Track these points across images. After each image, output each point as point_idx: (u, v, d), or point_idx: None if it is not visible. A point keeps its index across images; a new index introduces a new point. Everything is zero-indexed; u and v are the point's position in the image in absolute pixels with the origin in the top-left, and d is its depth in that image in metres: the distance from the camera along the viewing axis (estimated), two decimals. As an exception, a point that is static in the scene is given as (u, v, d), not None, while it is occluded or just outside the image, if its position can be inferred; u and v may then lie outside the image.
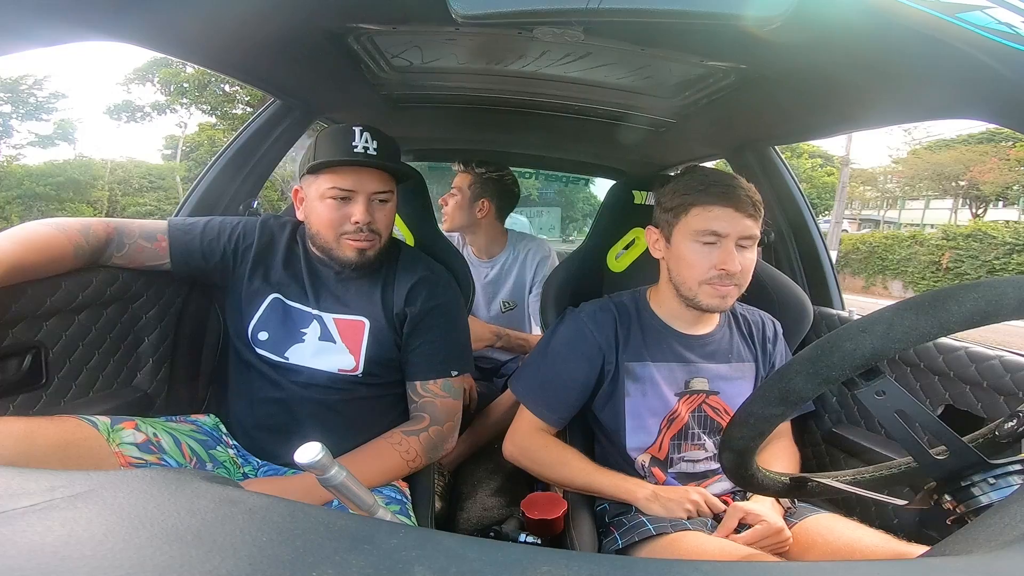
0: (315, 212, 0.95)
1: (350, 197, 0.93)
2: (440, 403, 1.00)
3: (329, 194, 0.92)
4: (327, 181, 0.92)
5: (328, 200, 0.93)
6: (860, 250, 15.51)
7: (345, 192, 0.92)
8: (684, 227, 0.92)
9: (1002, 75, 0.61)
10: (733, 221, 0.88)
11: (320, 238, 0.97)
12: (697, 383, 1.00)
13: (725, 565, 0.36)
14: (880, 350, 0.48)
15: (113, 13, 0.72)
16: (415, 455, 0.95)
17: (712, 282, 0.90)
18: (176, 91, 17.13)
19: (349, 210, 0.93)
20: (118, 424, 0.81)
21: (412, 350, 1.01)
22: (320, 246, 0.98)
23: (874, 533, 0.79)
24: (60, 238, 0.87)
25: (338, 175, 0.92)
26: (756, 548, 0.81)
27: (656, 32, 0.90)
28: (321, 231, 0.95)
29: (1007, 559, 0.31)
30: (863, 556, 0.74)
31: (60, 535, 0.26)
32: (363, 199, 0.93)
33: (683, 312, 1.00)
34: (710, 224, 0.89)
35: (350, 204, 0.93)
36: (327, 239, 0.96)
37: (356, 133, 0.92)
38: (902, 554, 0.72)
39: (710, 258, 0.89)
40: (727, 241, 0.89)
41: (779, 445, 1.03)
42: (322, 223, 0.94)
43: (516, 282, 1.82)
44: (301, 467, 0.52)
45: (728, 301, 0.93)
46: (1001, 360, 0.92)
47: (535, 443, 1.01)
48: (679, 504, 0.90)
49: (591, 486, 0.97)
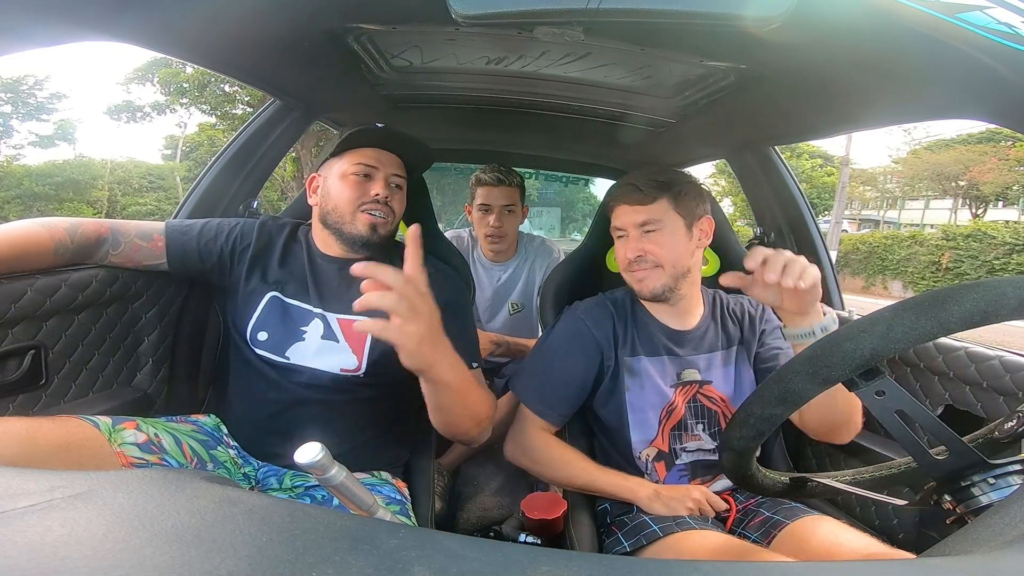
0: (334, 189, 1.01)
1: (371, 175, 1.01)
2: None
3: (352, 170, 1.00)
4: (351, 158, 1.01)
5: (350, 176, 1.00)
6: (860, 250, 15.52)
7: (368, 168, 1.00)
8: (613, 231, 1.05)
9: (1002, 75, 0.61)
10: (625, 215, 1.01)
11: (335, 214, 1.00)
12: (688, 374, 1.03)
13: (725, 565, 0.36)
14: (880, 350, 0.48)
15: (113, 13, 0.72)
16: (491, 407, 0.89)
17: (630, 269, 1.01)
18: (176, 91, 17.10)
19: (369, 186, 1.00)
20: (119, 424, 0.81)
21: None
22: (334, 224, 1.01)
23: (862, 536, 0.79)
24: (41, 234, 0.88)
25: (362, 152, 1.01)
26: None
27: (656, 32, 0.90)
28: (339, 206, 1.00)
29: (1007, 559, 0.31)
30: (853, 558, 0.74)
31: (60, 535, 0.26)
32: (383, 177, 1.01)
33: (661, 304, 1.04)
34: (614, 222, 1.03)
35: (371, 181, 1.01)
36: (343, 213, 1.00)
37: (380, 127, 1.03)
38: (891, 555, 0.72)
39: (623, 251, 1.02)
40: (628, 231, 1.01)
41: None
42: (342, 198, 1.00)
43: (526, 284, 1.81)
44: (301, 467, 0.52)
45: (648, 284, 1.00)
46: (1001, 360, 0.92)
47: (536, 443, 1.01)
48: (681, 503, 0.90)
49: (592, 485, 0.97)
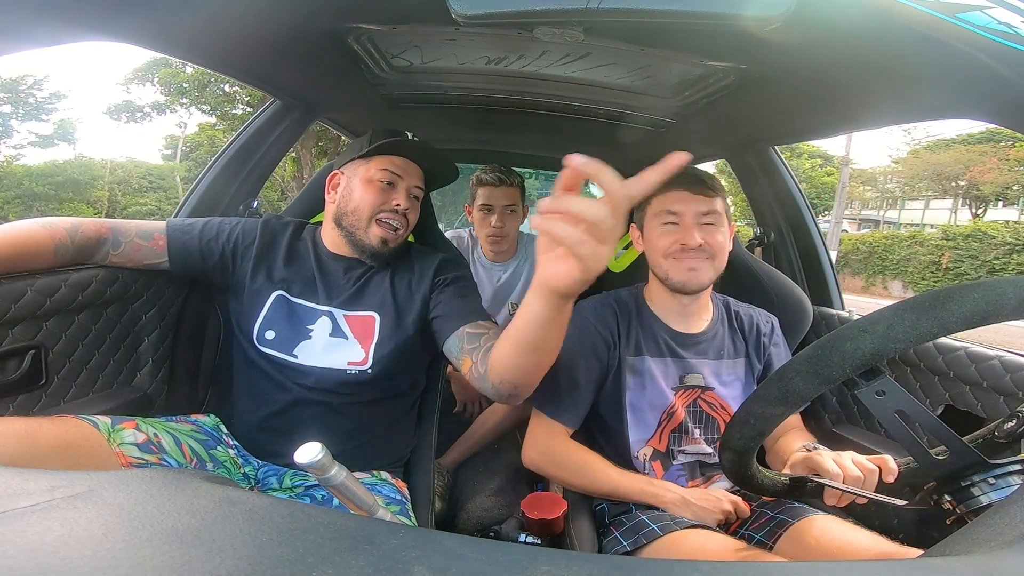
0: (357, 192, 1.02)
1: (395, 184, 1.03)
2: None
3: (379, 176, 1.02)
4: (379, 163, 1.02)
5: (376, 183, 1.01)
6: (860, 250, 15.52)
7: (394, 176, 1.03)
8: (650, 215, 1.03)
9: (1002, 75, 0.61)
10: (687, 202, 0.98)
11: (352, 217, 1.02)
12: (692, 379, 1.02)
13: (725, 565, 0.36)
14: (881, 350, 0.48)
15: (113, 13, 0.72)
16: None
17: (675, 255, 0.98)
18: (176, 91, 17.08)
19: (392, 195, 1.02)
20: (119, 424, 0.81)
21: (448, 302, 0.99)
22: (349, 226, 1.02)
23: (869, 535, 0.79)
24: (42, 234, 0.88)
25: (391, 160, 1.03)
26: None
27: (656, 32, 0.90)
28: (359, 208, 1.01)
29: (1007, 559, 0.31)
30: (859, 557, 0.74)
31: (60, 535, 0.26)
32: (405, 187, 1.04)
33: (672, 304, 1.03)
34: (667, 205, 0.99)
35: (394, 190, 1.03)
36: (360, 218, 1.01)
37: (408, 136, 1.06)
38: (894, 555, 0.72)
39: (672, 236, 0.98)
40: (684, 218, 0.98)
41: (794, 434, 1.02)
42: (364, 202, 1.01)
43: (526, 284, 1.78)
44: (301, 467, 0.52)
45: (699, 276, 0.97)
46: (1001, 360, 0.92)
47: (557, 448, 0.99)
48: (710, 513, 0.89)
49: (616, 491, 0.95)
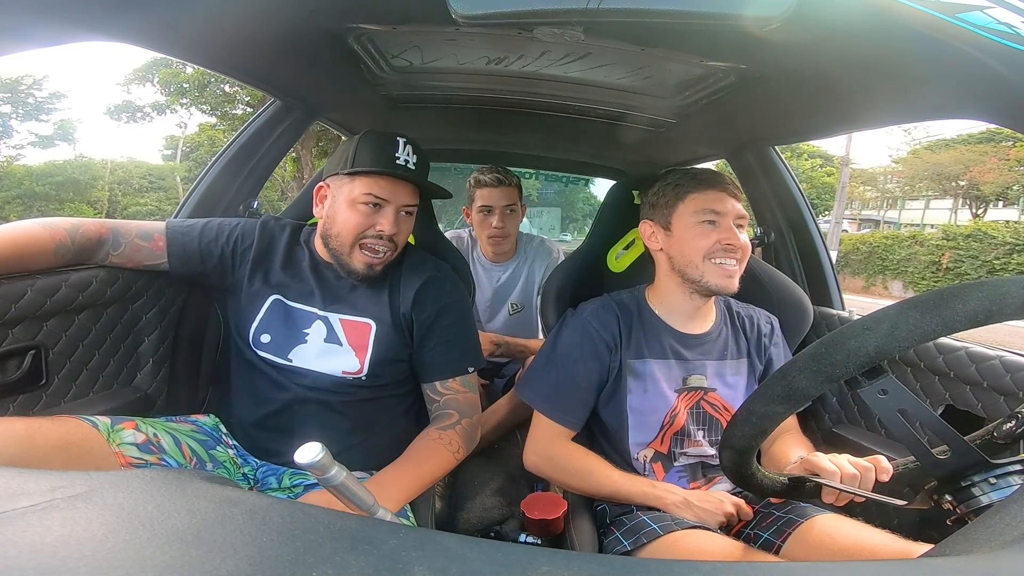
0: (341, 214, 0.95)
1: (381, 205, 0.95)
2: (463, 398, 1.00)
3: (363, 199, 0.93)
4: (363, 186, 0.93)
5: (360, 206, 0.94)
6: (860, 250, 15.51)
7: (379, 200, 0.94)
8: (684, 212, 0.99)
9: (1002, 75, 0.61)
10: (727, 202, 0.97)
11: (336, 240, 0.96)
12: (695, 380, 1.01)
13: (725, 565, 0.36)
14: (884, 348, 0.48)
15: (113, 13, 0.72)
16: (458, 446, 0.94)
17: (716, 254, 0.96)
18: (176, 91, 17.10)
19: (377, 219, 0.94)
20: (118, 424, 0.81)
21: (428, 351, 1.00)
22: (333, 248, 0.98)
23: (880, 533, 0.79)
24: (42, 235, 0.88)
25: (375, 182, 0.93)
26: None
27: (656, 32, 0.90)
28: (342, 233, 0.95)
29: (1007, 559, 0.31)
30: (870, 556, 0.74)
31: (60, 535, 0.26)
32: (393, 210, 0.95)
33: (683, 306, 1.02)
34: (709, 205, 0.96)
35: (379, 213, 0.95)
36: (343, 243, 0.96)
37: (400, 144, 0.94)
38: (908, 552, 0.71)
39: (713, 235, 0.96)
40: (725, 219, 0.96)
41: (789, 437, 1.02)
42: (347, 226, 0.94)
43: (526, 284, 1.80)
44: (301, 467, 0.52)
45: (736, 280, 0.96)
46: (1001, 360, 0.92)
47: (558, 452, 0.99)
48: (712, 515, 0.89)
49: (618, 495, 0.95)
